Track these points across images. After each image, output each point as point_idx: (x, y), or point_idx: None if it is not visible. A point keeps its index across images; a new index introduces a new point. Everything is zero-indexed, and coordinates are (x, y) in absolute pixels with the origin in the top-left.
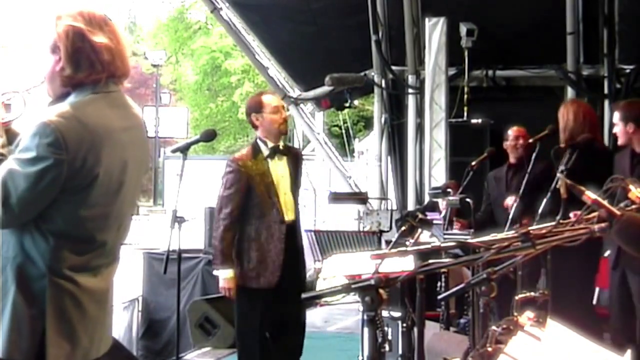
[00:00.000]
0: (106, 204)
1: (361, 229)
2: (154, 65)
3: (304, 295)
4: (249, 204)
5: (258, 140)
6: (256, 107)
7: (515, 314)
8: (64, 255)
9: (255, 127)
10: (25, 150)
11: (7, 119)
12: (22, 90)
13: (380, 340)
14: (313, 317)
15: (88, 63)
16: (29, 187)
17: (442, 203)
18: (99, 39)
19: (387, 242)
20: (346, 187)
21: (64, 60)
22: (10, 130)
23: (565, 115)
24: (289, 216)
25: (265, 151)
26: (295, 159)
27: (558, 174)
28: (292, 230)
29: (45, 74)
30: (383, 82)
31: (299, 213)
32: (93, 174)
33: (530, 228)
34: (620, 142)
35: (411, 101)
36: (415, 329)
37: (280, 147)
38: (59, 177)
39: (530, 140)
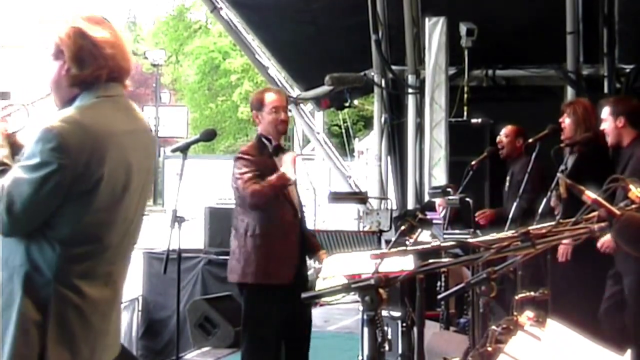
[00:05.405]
0: (111, 208)
1: (361, 229)
2: (154, 65)
3: (303, 295)
4: None
5: (262, 137)
6: (257, 104)
7: (515, 313)
8: (71, 263)
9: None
10: (30, 157)
11: (11, 131)
12: (26, 102)
13: (380, 340)
14: (313, 316)
15: (92, 58)
16: (33, 193)
17: (438, 203)
18: (99, 33)
19: (387, 242)
20: (346, 186)
21: (69, 60)
22: (15, 143)
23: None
24: (299, 212)
25: (270, 148)
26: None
27: (558, 174)
28: (302, 226)
29: (50, 83)
30: (383, 81)
31: (303, 210)
32: (96, 178)
33: (530, 228)
34: (611, 140)
35: (411, 101)
36: (415, 329)
37: (282, 146)
38: (62, 182)
39: (530, 140)
